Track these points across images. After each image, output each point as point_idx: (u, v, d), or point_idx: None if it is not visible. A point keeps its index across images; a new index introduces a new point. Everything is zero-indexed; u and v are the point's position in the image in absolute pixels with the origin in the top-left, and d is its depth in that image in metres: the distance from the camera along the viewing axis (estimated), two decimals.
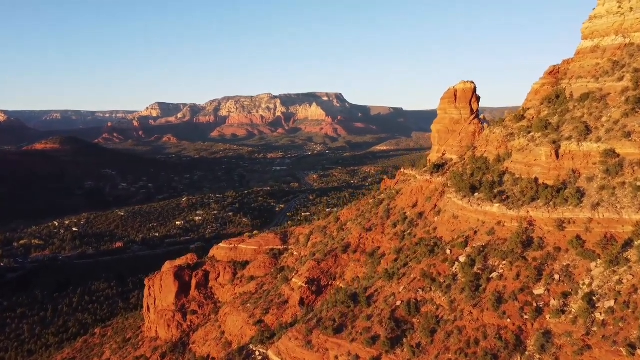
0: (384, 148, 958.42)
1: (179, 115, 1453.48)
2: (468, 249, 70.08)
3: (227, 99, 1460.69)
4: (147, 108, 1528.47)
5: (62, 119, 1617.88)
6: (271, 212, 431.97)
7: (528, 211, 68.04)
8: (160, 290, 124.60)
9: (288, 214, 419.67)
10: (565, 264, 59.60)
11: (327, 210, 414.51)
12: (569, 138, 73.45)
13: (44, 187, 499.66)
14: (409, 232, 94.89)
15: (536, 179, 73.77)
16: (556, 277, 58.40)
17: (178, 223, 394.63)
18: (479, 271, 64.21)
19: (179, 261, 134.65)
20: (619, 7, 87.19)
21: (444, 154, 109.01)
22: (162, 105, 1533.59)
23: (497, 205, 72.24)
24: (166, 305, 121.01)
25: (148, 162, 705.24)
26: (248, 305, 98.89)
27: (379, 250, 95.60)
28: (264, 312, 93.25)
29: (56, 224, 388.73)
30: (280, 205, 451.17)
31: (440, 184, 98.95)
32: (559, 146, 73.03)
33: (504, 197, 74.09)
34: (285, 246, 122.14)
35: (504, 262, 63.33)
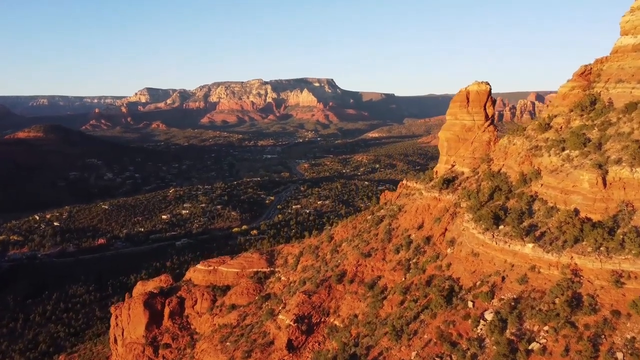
0: (376, 135, 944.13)
1: (168, 101, 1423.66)
2: (495, 302, 56.32)
3: (217, 84, 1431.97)
4: (136, 93, 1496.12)
5: (49, 104, 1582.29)
6: (261, 205, 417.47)
7: (572, 257, 54.22)
8: (128, 321, 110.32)
9: (278, 206, 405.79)
10: (629, 336, 45.98)
11: (318, 201, 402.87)
12: (618, 161, 59.41)
13: (26, 179, 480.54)
14: (414, 260, 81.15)
15: (576, 211, 59.91)
16: (619, 355, 44.79)
17: (164, 217, 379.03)
18: (512, 337, 50.50)
19: (152, 284, 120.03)
20: None
21: (453, 166, 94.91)
22: (151, 91, 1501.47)
23: (530, 245, 58.31)
24: (135, 337, 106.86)
25: (135, 151, 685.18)
26: (227, 344, 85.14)
27: (380, 281, 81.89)
28: (245, 355, 79.43)
29: (37, 217, 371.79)
30: (271, 197, 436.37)
31: (451, 203, 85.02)
32: (607, 171, 59.04)
33: (537, 233, 60.16)
34: (272, 268, 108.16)
35: (546, 328, 49.62)
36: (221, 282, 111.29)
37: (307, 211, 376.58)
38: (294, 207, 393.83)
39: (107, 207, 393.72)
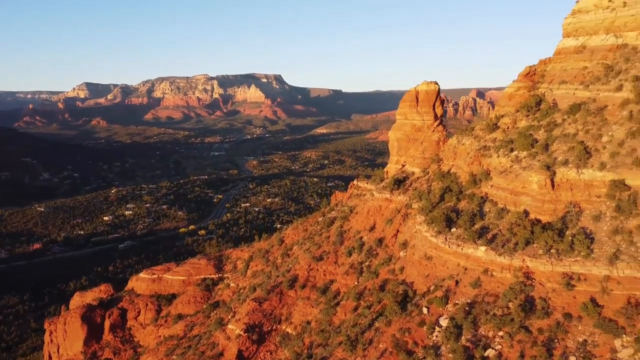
0: (325, 131, 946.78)
1: (109, 97, 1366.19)
2: (450, 307, 55.59)
3: (161, 79, 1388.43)
4: (74, 89, 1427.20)
5: None
6: (209, 204, 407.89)
7: (524, 259, 54.22)
8: (64, 336, 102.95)
9: (227, 205, 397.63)
10: (581, 339, 46.19)
11: (267, 199, 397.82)
12: (565, 163, 60.17)
13: None
14: (367, 263, 79.88)
15: (526, 212, 60.22)
16: (572, 359, 44.85)
17: (106, 218, 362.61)
18: (468, 344, 49.77)
19: (91, 294, 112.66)
20: (610, 0, 74.64)
21: (404, 166, 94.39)
22: (90, 86, 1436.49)
23: (482, 248, 58.01)
24: (72, 354, 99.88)
25: (74, 149, 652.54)
26: (174, 357, 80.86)
27: (333, 285, 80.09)
28: None
29: None
30: (219, 196, 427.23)
31: (403, 204, 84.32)
32: (554, 173, 59.63)
33: (489, 235, 59.99)
34: (220, 274, 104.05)
35: (501, 333, 49.19)
36: (166, 290, 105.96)
37: (257, 209, 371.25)
38: (242, 205, 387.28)
39: (43, 209, 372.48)
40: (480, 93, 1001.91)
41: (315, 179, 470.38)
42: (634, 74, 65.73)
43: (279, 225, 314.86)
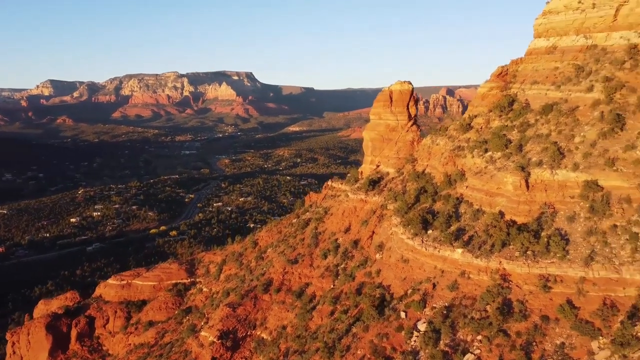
0: (297, 129, 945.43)
1: (75, 94, 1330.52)
2: (428, 311, 55.02)
3: (130, 77, 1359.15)
4: (38, 86, 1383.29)
5: None
6: (180, 204, 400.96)
7: (501, 262, 54.08)
8: (28, 347, 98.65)
9: (199, 204, 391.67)
10: (558, 342, 46.18)
11: (240, 198, 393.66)
12: (539, 164, 60.38)
13: None
14: (343, 266, 78.93)
15: (501, 213, 60.20)
16: None
17: (73, 220, 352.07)
18: (447, 348, 49.27)
19: (56, 302, 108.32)
20: (579, 1, 75.45)
21: (378, 166, 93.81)
22: (55, 83, 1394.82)
23: (459, 250, 57.68)
24: None
25: (39, 148, 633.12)
26: None
27: (308, 289, 78.90)
28: None
29: None
30: (190, 195, 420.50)
31: (378, 205, 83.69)
32: (529, 174, 59.75)
33: (465, 237, 59.71)
34: (193, 279, 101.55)
35: (479, 337, 48.82)
36: (136, 296, 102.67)
37: (229, 209, 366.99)
38: (215, 205, 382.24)
39: (5, 211, 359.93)
40: (450, 91, 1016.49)
41: (288, 178, 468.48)
42: (603, 75, 66.54)
43: (252, 225, 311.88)
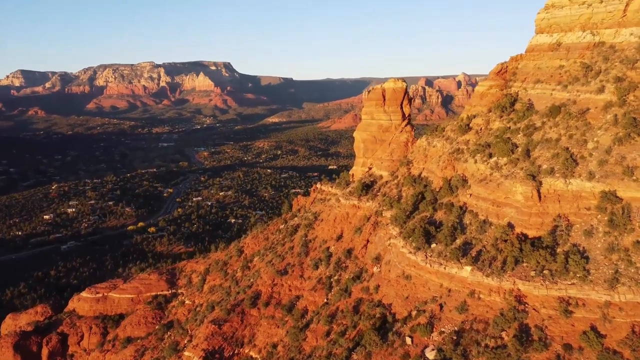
0: (276, 120, 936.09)
1: (47, 85, 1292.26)
2: (436, 336, 50.40)
3: (104, 67, 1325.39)
4: (8, 76, 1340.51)
5: None
6: (159, 199, 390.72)
7: (515, 282, 49.69)
8: None
9: (178, 199, 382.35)
10: None
11: (220, 192, 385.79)
12: (551, 172, 55.99)
13: None
14: (336, 277, 73.99)
15: (511, 225, 55.84)
16: None
17: (46, 217, 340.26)
18: None
19: (25, 317, 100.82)
20: None
21: (370, 169, 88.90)
22: (26, 74, 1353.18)
23: (468, 268, 53.09)
24: None
25: (9, 141, 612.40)
26: None
27: (299, 302, 73.77)
28: None
29: None
30: (169, 190, 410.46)
31: (372, 211, 78.89)
32: (540, 183, 55.36)
33: (473, 252, 55.19)
34: (174, 290, 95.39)
35: None
36: (113, 310, 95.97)
37: (209, 203, 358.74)
38: (194, 199, 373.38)
39: None
40: (429, 81, 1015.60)
41: (268, 170, 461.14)
42: (614, 75, 62.40)
43: (233, 220, 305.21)
